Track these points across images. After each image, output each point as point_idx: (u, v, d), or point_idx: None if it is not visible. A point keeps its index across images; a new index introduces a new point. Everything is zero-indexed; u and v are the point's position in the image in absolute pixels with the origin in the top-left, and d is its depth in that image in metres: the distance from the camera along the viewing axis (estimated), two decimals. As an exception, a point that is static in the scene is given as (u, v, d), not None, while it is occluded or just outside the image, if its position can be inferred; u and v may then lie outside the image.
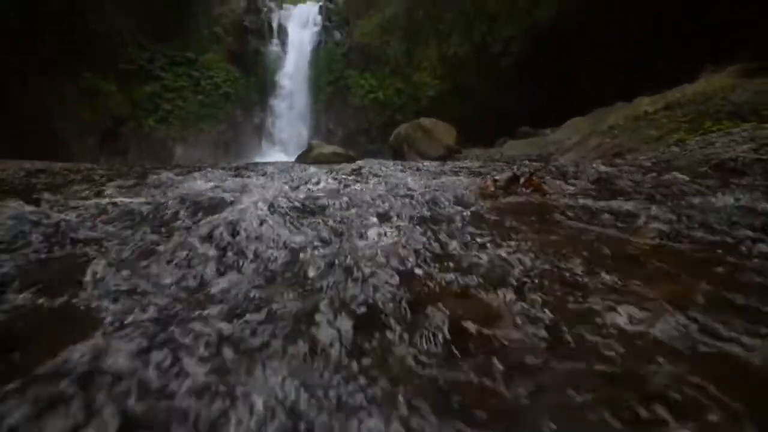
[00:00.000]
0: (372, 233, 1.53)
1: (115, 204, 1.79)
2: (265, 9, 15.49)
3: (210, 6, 15.00)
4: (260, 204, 1.67)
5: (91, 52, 11.94)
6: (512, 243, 1.38)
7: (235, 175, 3.11)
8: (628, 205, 1.84)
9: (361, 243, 1.41)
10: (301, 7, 16.57)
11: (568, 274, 1.08)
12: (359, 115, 14.59)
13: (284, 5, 16.46)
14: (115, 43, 12.64)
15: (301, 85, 15.00)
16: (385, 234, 1.46)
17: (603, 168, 3.35)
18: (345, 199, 2.17)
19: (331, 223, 1.71)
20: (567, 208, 1.84)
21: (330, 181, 2.90)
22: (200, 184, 2.57)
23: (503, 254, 1.25)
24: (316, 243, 1.43)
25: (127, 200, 1.93)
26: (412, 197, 2.25)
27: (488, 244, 1.39)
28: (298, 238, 1.46)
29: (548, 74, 11.03)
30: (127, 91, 13.06)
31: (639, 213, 1.69)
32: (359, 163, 6.19)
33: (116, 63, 12.73)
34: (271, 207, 1.72)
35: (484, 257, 1.24)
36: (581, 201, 1.99)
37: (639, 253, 1.25)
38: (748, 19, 5.01)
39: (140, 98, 13.33)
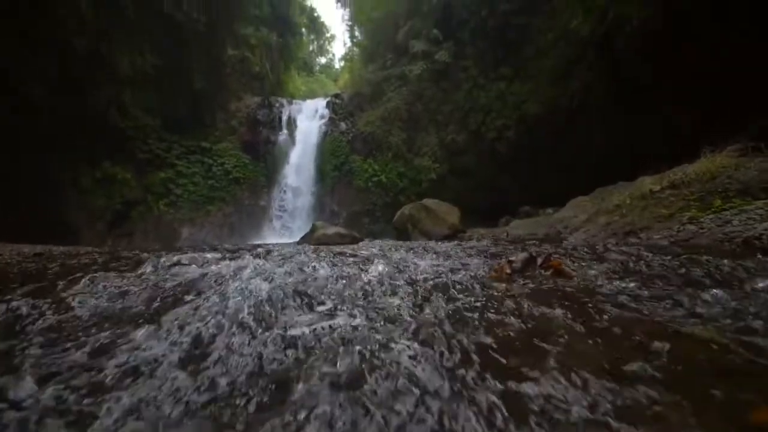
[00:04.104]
0: (383, 331, 1.31)
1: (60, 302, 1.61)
2: (277, 104, 17.03)
3: (227, 103, 16.52)
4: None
5: (113, 145, 12.75)
6: (548, 344, 1.15)
7: (231, 258, 2.95)
8: (669, 291, 1.63)
9: (368, 347, 1.18)
10: (309, 102, 18.28)
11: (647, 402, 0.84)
12: (363, 197, 15.03)
13: (294, 101, 18.16)
14: (136, 137, 13.55)
15: (308, 170, 15.75)
16: (397, 337, 1.24)
17: (620, 247, 3.20)
18: (345, 286, 1.98)
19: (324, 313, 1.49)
20: (601, 296, 1.63)
21: (331, 264, 2.73)
22: (191, 271, 2.41)
23: (538, 368, 1.02)
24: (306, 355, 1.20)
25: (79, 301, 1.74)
26: (421, 282, 2.05)
27: (518, 346, 1.16)
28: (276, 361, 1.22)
29: (544, 156, 11.56)
30: (141, 177, 13.65)
31: (687, 300, 1.47)
32: (363, 243, 6.10)
33: (136, 153, 13.51)
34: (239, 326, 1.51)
35: (516, 369, 1.01)
36: (613, 285, 1.78)
37: (724, 360, 1.01)
38: (746, 103, 5.35)
39: (153, 184, 13.87)
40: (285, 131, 16.44)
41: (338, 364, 1.02)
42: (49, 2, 9.87)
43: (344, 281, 2.07)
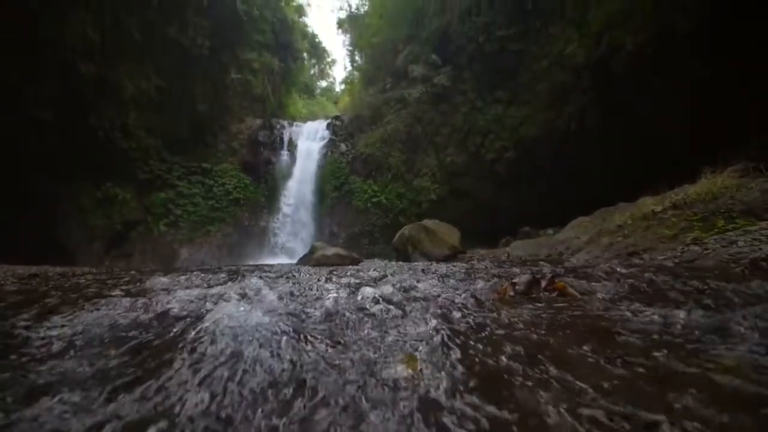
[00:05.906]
0: (383, 362, 1.25)
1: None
2: (278, 126, 17.24)
3: (229, 124, 16.74)
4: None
5: (115, 165, 12.80)
6: (557, 375, 1.08)
7: (226, 281, 2.88)
8: (681, 315, 1.56)
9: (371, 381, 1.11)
10: (310, 124, 18.52)
11: None
12: (362, 218, 14.98)
13: (295, 123, 18.41)
14: (138, 157, 13.61)
15: (307, 190, 15.78)
16: (400, 365, 1.18)
17: (624, 269, 3.13)
18: (344, 314, 1.91)
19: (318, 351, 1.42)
20: (611, 320, 1.56)
21: (328, 287, 2.66)
22: (181, 295, 2.34)
23: (554, 398, 0.95)
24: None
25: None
26: (423, 306, 1.98)
27: (521, 374, 1.09)
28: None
29: (543, 177, 11.62)
30: (141, 197, 13.63)
31: (704, 326, 1.41)
32: (363, 265, 6.02)
33: (137, 174, 13.54)
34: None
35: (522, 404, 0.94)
36: (621, 309, 1.71)
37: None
38: (744, 121, 5.41)
39: (153, 204, 13.83)
40: (286, 152, 16.59)
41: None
42: (56, 28, 10.14)
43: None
